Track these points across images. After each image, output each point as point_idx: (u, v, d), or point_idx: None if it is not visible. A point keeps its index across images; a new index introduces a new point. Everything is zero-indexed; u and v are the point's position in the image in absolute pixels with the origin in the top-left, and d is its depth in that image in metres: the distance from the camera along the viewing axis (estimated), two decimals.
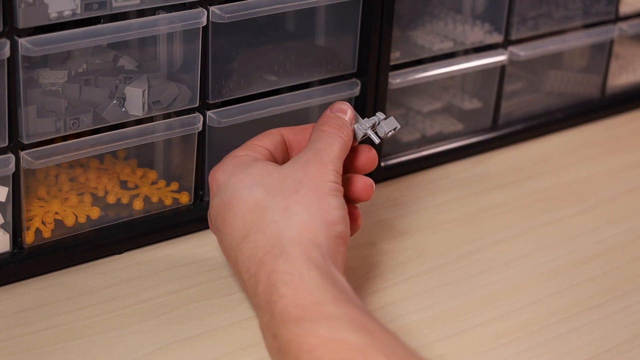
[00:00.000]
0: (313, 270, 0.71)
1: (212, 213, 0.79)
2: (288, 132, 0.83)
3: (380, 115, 0.84)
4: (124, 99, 0.86)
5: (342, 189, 0.77)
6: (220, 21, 0.87)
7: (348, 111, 0.82)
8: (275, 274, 0.71)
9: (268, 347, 0.72)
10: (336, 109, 0.82)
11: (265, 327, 0.71)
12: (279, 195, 0.75)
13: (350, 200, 0.82)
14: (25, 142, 0.82)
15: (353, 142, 0.82)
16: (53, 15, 0.79)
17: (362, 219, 0.83)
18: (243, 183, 0.76)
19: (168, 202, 0.92)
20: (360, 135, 0.82)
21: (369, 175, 0.83)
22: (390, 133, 0.84)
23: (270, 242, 0.73)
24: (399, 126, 0.84)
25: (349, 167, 0.82)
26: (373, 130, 0.83)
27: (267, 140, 0.81)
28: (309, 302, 0.69)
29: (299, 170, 0.76)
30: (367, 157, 0.83)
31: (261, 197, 0.75)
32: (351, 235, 0.82)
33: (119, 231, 0.89)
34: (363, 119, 0.83)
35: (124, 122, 0.87)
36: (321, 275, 0.71)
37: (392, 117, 0.84)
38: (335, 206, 0.75)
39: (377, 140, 0.83)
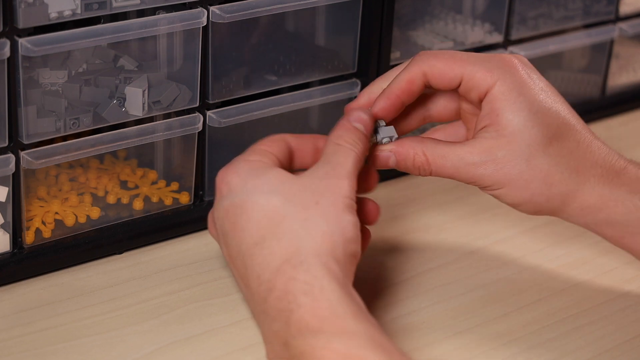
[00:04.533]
0: (333, 283, 0.70)
1: (218, 215, 0.76)
2: (292, 139, 0.81)
3: (380, 122, 0.83)
4: (124, 99, 0.86)
5: (355, 205, 0.76)
6: (220, 21, 0.87)
7: (365, 121, 0.79)
8: (294, 283, 0.70)
9: (271, 355, 0.71)
10: (355, 119, 0.79)
11: (274, 335, 0.70)
12: (299, 205, 0.73)
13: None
14: (25, 142, 0.82)
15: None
16: (53, 15, 0.79)
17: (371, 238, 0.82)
18: (261, 188, 0.74)
19: (168, 202, 0.92)
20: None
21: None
22: (385, 140, 0.82)
23: (288, 251, 0.72)
24: (396, 136, 0.83)
25: None
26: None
27: (276, 147, 0.80)
28: (328, 314, 0.68)
29: (319, 182, 0.75)
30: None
31: (279, 204, 0.73)
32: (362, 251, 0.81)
33: (119, 231, 0.89)
34: None
35: (124, 122, 0.87)
36: (341, 288, 0.70)
37: (391, 127, 0.83)
38: (352, 223, 0.74)
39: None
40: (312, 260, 0.71)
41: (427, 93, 0.85)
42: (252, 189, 0.75)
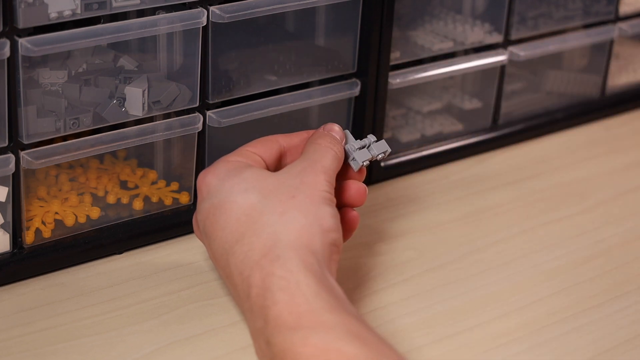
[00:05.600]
0: (310, 277, 0.71)
1: (201, 217, 0.78)
2: (283, 139, 0.83)
3: (371, 137, 0.85)
4: (124, 99, 0.86)
5: (334, 199, 0.78)
6: (220, 21, 0.87)
7: (339, 132, 0.83)
8: (271, 278, 0.71)
9: (259, 353, 0.71)
10: (328, 129, 0.83)
11: (257, 333, 0.71)
12: (275, 200, 0.75)
13: (344, 204, 0.82)
14: (25, 142, 0.82)
15: (344, 162, 0.82)
16: (53, 15, 0.79)
17: (359, 221, 0.83)
18: (238, 187, 0.76)
19: (168, 202, 0.92)
20: (351, 155, 0.83)
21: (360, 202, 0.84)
22: (380, 156, 0.84)
23: (266, 245, 0.72)
24: (389, 150, 0.84)
25: (340, 199, 0.82)
26: (362, 151, 0.83)
27: (261, 147, 0.81)
28: (304, 310, 0.69)
29: (295, 178, 0.77)
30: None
31: (256, 200, 0.75)
32: (348, 237, 0.82)
33: (119, 231, 0.89)
34: (356, 140, 0.84)
35: (124, 122, 0.87)
36: (317, 282, 0.71)
37: (383, 141, 0.85)
38: (330, 214, 0.76)
39: (356, 168, 0.83)
40: (288, 255, 0.72)
41: None
42: (229, 188, 0.76)
